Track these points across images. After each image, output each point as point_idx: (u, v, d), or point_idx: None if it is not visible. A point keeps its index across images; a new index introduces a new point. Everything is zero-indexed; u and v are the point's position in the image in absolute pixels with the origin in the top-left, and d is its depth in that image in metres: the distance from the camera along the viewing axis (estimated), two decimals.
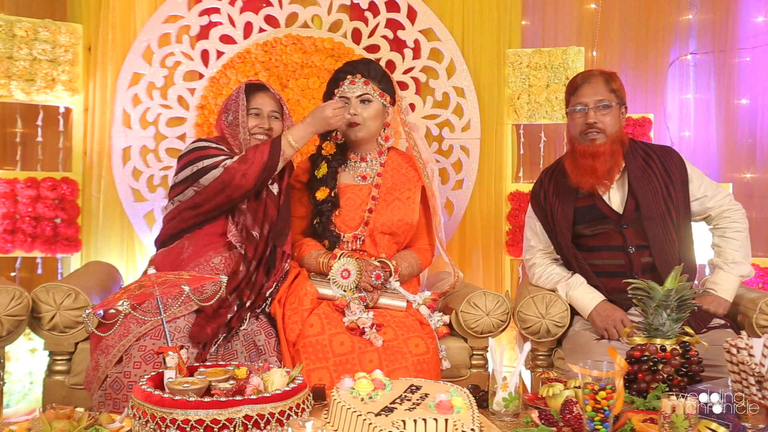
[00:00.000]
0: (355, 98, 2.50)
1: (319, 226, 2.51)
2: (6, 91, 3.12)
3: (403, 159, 2.64)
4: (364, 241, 2.50)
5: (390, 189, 2.55)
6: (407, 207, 2.53)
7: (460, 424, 1.54)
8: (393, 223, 2.50)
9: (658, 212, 2.40)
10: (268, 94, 2.56)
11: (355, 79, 2.51)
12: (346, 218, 2.51)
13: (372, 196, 2.53)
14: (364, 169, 2.59)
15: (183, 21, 3.31)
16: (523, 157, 3.53)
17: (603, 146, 2.39)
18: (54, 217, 3.20)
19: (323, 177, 2.54)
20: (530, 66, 3.40)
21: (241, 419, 1.49)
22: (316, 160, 2.60)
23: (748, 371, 1.66)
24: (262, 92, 2.56)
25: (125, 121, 3.29)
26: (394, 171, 2.59)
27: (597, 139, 2.39)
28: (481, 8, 3.41)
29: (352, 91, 2.51)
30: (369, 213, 2.51)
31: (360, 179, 2.58)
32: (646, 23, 3.73)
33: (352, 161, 2.60)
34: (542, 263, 2.58)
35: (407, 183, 2.57)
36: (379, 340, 2.20)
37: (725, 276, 2.42)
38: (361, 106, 2.51)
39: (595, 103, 2.39)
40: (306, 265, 2.46)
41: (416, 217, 2.55)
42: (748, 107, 3.70)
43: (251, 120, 2.51)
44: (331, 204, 2.51)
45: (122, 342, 2.11)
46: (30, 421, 1.63)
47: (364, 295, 2.33)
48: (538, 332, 2.46)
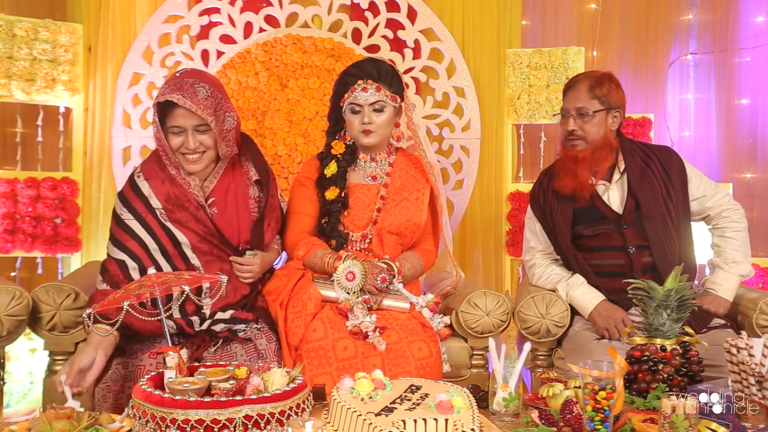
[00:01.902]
0: (368, 106, 2.45)
1: (327, 226, 2.47)
2: (6, 91, 3.12)
3: (411, 160, 2.62)
4: (372, 241, 2.49)
5: (399, 189, 2.54)
6: (416, 208, 2.52)
7: (460, 424, 1.54)
8: (401, 223, 2.49)
9: (658, 212, 2.41)
10: (185, 110, 2.18)
11: (367, 86, 2.44)
12: (355, 218, 2.49)
13: (381, 195, 2.51)
14: (374, 169, 2.56)
15: (183, 21, 3.31)
16: (523, 157, 3.54)
17: (583, 152, 2.41)
18: (54, 217, 3.20)
19: (333, 176, 2.50)
20: (530, 66, 3.41)
21: (241, 419, 1.49)
22: (324, 158, 2.56)
23: (748, 371, 1.66)
24: (179, 107, 2.18)
25: (125, 121, 3.29)
26: (402, 171, 2.58)
27: (577, 145, 2.42)
28: (481, 8, 3.42)
29: (365, 98, 2.44)
30: (377, 212, 2.49)
31: (370, 179, 2.56)
32: (646, 23, 3.73)
33: (361, 161, 2.57)
34: (542, 263, 2.58)
35: (415, 184, 2.56)
36: (383, 345, 2.18)
37: (725, 276, 2.42)
38: (375, 114, 2.46)
39: (575, 110, 2.42)
40: (311, 264, 2.42)
41: (424, 219, 2.54)
42: (749, 107, 3.70)
43: (173, 139, 2.21)
44: (341, 204, 2.48)
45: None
46: (30, 421, 1.62)
47: (368, 298, 2.32)
48: (538, 332, 2.46)
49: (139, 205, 2.26)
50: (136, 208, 2.25)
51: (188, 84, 2.18)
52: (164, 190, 2.27)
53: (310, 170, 2.58)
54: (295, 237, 2.47)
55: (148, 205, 2.26)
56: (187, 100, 2.15)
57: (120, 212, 2.27)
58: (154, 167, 2.31)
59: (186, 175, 2.28)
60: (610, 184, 2.47)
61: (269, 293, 2.37)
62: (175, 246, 2.24)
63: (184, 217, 2.25)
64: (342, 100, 2.49)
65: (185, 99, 2.15)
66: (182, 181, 2.28)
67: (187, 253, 2.25)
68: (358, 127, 2.47)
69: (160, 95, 2.18)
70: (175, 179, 2.28)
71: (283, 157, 3.28)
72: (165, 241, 2.24)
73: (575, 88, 2.44)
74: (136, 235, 2.23)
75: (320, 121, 3.29)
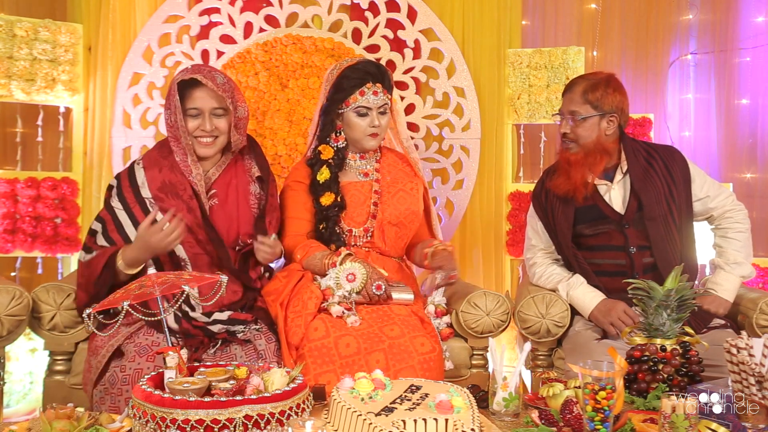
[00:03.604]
0: (376, 108, 2.49)
1: (325, 231, 2.49)
2: (6, 91, 3.12)
3: (397, 156, 2.69)
4: (373, 234, 2.51)
5: (391, 183, 2.59)
6: (412, 197, 2.59)
7: (460, 424, 1.54)
8: (400, 212, 2.54)
9: (660, 213, 2.40)
10: (206, 90, 2.28)
11: (377, 90, 2.48)
12: (353, 215, 2.52)
13: (374, 190, 2.55)
14: (364, 166, 2.60)
15: (183, 21, 3.31)
16: (523, 157, 3.54)
17: (575, 155, 2.43)
18: (54, 217, 3.20)
19: (326, 182, 2.52)
20: (530, 66, 3.41)
21: (242, 419, 1.49)
22: (314, 164, 2.56)
23: (748, 371, 1.67)
24: (199, 88, 2.28)
25: (125, 121, 3.29)
26: (391, 167, 2.64)
27: (570, 148, 2.45)
28: (481, 8, 3.42)
29: (375, 102, 2.48)
30: (374, 206, 2.53)
31: (362, 176, 2.59)
32: (646, 23, 3.73)
33: (350, 160, 2.60)
34: (543, 263, 2.59)
35: (406, 177, 2.63)
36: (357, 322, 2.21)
37: (726, 276, 2.42)
38: (380, 117, 2.51)
39: (569, 113, 2.44)
40: (310, 266, 2.42)
41: (421, 208, 2.62)
42: (749, 107, 3.70)
43: (190, 122, 2.29)
44: (338, 208, 2.49)
45: (111, 342, 2.11)
46: (30, 421, 1.63)
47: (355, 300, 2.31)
48: (538, 332, 2.46)
49: (130, 195, 2.31)
50: (127, 199, 2.31)
51: (206, 70, 2.33)
52: (160, 179, 2.31)
53: (301, 175, 2.58)
54: (292, 241, 2.49)
55: (138, 196, 2.31)
56: (208, 81, 2.27)
57: (112, 199, 2.33)
58: (156, 155, 2.37)
59: (192, 162, 2.32)
60: (612, 184, 2.47)
61: (269, 294, 2.38)
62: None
63: (176, 205, 2.26)
64: (346, 102, 2.50)
65: (207, 80, 2.27)
66: (185, 168, 2.31)
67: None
68: (366, 130, 2.50)
69: (182, 75, 2.28)
70: (176, 166, 2.32)
71: (283, 157, 3.28)
72: None
73: (571, 90, 2.46)
74: (122, 228, 2.29)
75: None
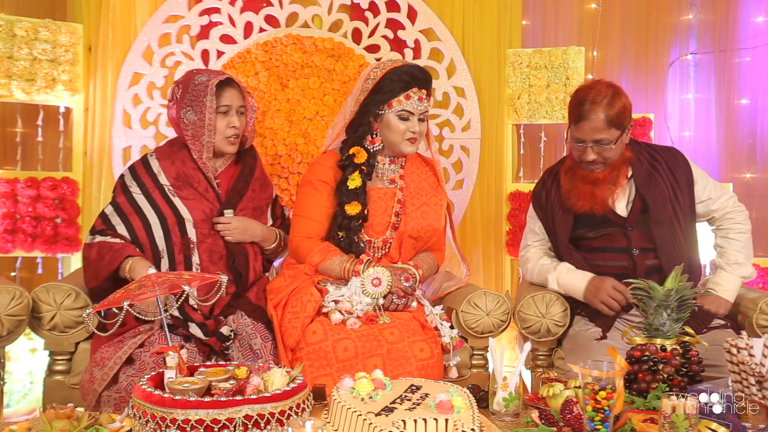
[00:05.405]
0: (418, 114, 2.41)
1: (344, 240, 2.39)
2: (6, 91, 3.12)
3: (423, 162, 2.59)
4: (391, 244, 2.45)
5: (415, 193, 2.50)
6: (435, 213, 2.49)
7: (460, 424, 1.54)
8: (422, 227, 2.46)
9: (666, 216, 2.39)
10: (235, 88, 2.40)
11: (423, 96, 2.41)
12: (373, 223, 2.43)
13: (397, 199, 2.47)
14: (392, 172, 2.51)
15: (183, 21, 3.31)
16: (523, 157, 3.54)
17: (603, 173, 2.37)
18: (54, 217, 3.20)
19: (356, 189, 2.39)
20: (530, 66, 3.41)
21: (242, 419, 1.49)
22: (346, 167, 2.42)
23: (748, 371, 1.66)
24: (229, 86, 2.38)
25: (125, 121, 3.29)
26: (414, 174, 2.54)
27: (596, 169, 2.37)
28: (481, 8, 3.42)
29: (419, 108, 2.40)
30: (396, 217, 2.45)
31: (388, 182, 2.50)
32: (647, 23, 3.73)
33: (380, 164, 2.50)
34: (533, 257, 2.58)
35: (430, 188, 2.53)
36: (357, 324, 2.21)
37: (727, 276, 2.42)
38: (420, 123, 2.42)
39: (593, 141, 2.33)
40: (327, 270, 2.36)
41: (443, 224, 2.53)
42: (749, 107, 3.70)
43: (220, 120, 2.35)
44: (361, 221, 2.40)
45: (118, 354, 2.09)
46: (30, 421, 1.63)
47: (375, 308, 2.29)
48: (538, 332, 2.46)
49: (148, 180, 2.39)
50: (145, 183, 2.38)
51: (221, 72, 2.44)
52: (174, 170, 2.40)
53: (327, 176, 2.45)
54: (302, 242, 2.41)
55: (156, 182, 2.39)
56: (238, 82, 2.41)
57: (129, 184, 2.39)
58: (167, 150, 2.45)
59: (207, 159, 2.38)
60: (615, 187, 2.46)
61: (270, 292, 2.37)
62: (178, 220, 2.34)
63: (193, 194, 2.37)
64: (389, 104, 2.40)
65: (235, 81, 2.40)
66: (203, 165, 2.39)
67: (188, 228, 2.34)
68: (405, 134, 2.41)
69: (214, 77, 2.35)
70: (187, 161, 2.40)
71: (283, 157, 3.28)
72: (168, 216, 2.34)
73: (589, 119, 2.30)
74: (141, 210, 2.35)
75: (320, 121, 3.29)
